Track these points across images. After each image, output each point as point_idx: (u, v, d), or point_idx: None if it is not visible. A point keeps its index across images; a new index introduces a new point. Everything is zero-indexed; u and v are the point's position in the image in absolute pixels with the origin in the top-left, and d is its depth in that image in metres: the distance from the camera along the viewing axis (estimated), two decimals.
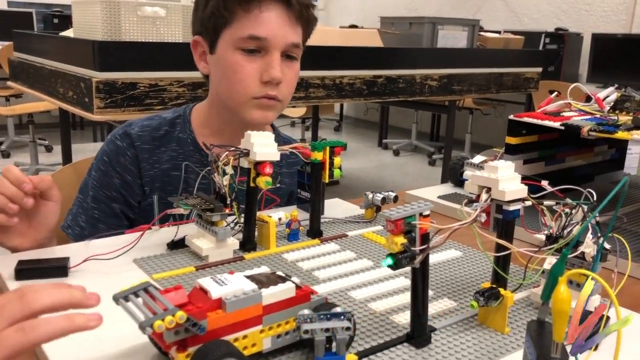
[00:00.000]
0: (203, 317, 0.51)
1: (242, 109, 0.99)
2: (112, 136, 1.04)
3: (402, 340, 0.60)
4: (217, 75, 1.01)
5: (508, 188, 0.62)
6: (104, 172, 1.02)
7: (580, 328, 0.43)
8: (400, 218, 0.55)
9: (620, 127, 0.95)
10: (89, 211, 1.01)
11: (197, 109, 1.09)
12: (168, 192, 1.03)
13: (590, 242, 0.64)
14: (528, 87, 3.37)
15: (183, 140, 1.05)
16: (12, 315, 0.44)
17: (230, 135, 1.04)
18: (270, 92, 0.97)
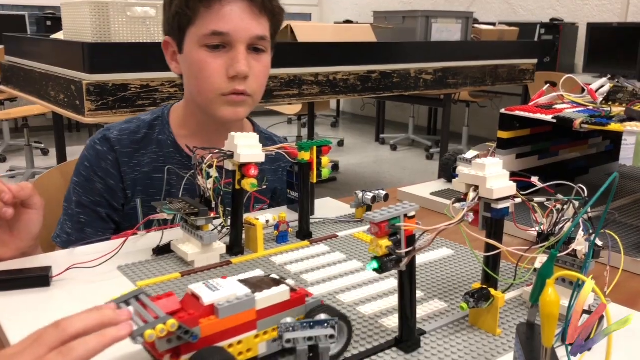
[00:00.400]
0: (195, 324, 0.50)
1: (211, 106, 0.97)
2: (91, 141, 1.03)
3: (390, 345, 0.59)
4: (187, 74, 1.00)
5: (496, 186, 0.60)
6: (86, 178, 1.01)
7: (580, 328, 0.42)
8: (384, 220, 0.54)
9: (613, 118, 0.93)
10: (75, 217, 1.00)
11: (175, 110, 1.08)
12: (151, 194, 1.02)
13: (581, 240, 0.62)
14: (524, 79, 3.35)
15: (163, 142, 1.04)
16: (50, 342, 0.46)
17: (209, 135, 1.04)
18: (238, 87, 0.95)
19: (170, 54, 1.03)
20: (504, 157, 1.05)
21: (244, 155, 0.77)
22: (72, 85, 1.94)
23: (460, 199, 0.63)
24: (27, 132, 4.17)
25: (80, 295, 0.70)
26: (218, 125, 1.03)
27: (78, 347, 0.46)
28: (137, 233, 0.88)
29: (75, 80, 1.90)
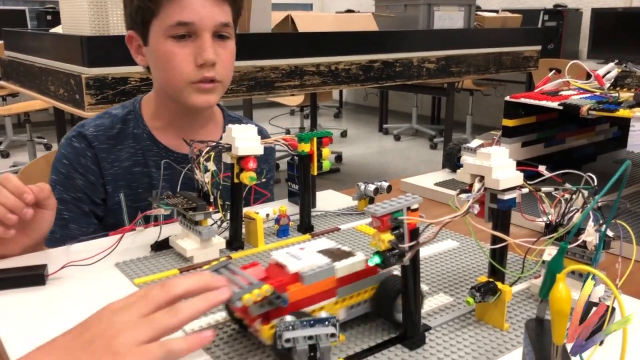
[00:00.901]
0: (284, 290, 0.53)
1: (182, 95, 0.98)
2: (66, 139, 1.04)
3: (394, 342, 0.57)
4: (155, 66, 1.00)
5: (502, 176, 0.58)
6: (66, 175, 1.01)
7: (580, 328, 0.40)
8: (387, 214, 0.52)
9: (622, 104, 0.91)
10: (57, 214, 0.98)
11: (146, 102, 1.08)
12: (133, 188, 1.03)
13: (591, 230, 0.60)
14: (527, 66, 3.31)
15: (139, 136, 1.04)
16: (156, 301, 0.49)
17: (182, 125, 1.04)
18: (206, 74, 0.96)
19: (135, 48, 1.03)
20: (509, 145, 1.02)
21: (242, 147, 0.75)
22: (72, 80, 1.92)
23: (465, 189, 0.61)
24: (29, 127, 4.16)
25: (76, 294, 0.68)
26: (191, 114, 1.04)
27: (186, 308, 0.48)
28: (134, 229, 0.86)
29: (75, 74, 1.88)
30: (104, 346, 0.45)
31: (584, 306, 0.59)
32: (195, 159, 0.75)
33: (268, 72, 2.21)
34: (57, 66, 2.05)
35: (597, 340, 0.42)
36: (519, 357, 0.54)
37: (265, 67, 2.19)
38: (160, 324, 0.46)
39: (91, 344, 0.46)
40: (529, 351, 0.46)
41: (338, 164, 4.50)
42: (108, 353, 0.45)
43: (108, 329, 0.46)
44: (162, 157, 1.02)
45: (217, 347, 0.57)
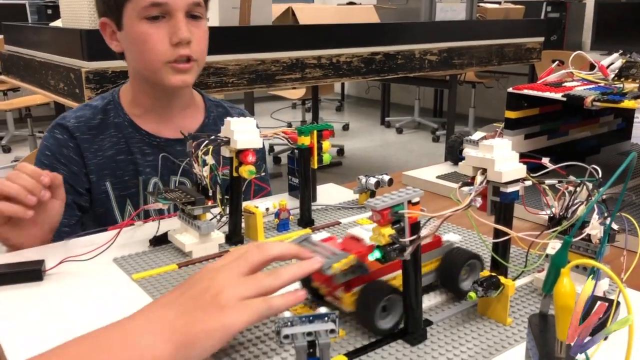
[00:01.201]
0: (363, 260, 0.56)
1: (159, 76, 0.98)
2: (48, 132, 1.05)
3: (395, 337, 0.56)
4: (130, 50, 1.01)
5: (505, 168, 0.57)
6: (49, 166, 1.01)
7: (580, 327, 0.39)
8: (387, 207, 0.51)
9: (626, 95, 0.89)
10: None
11: (124, 91, 1.09)
12: (119, 176, 1.03)
13: (596, 224, 0.59)
14: (530, 58, 3.29)
15: (120, 125, 1.05)
16: (254, 261, 0.53)
17: (162, 110, 1.06)
18: (182, 52, 0.97)
19: (109, 34, 1.03)
20: (512, 137, 1.01)
21: (241, 141, 0.74)
22: (71, 74, 1.91)
23: (467, 182, 0.60)
24: (31, 122, 4.15)
25: (74, 289, 0.67)
26: (169, 98, 1.05)
27: (284, 273, 0.52)
28: (133, 224, 0.85)
29: (74, 68, 1.87)
30: (210, 300, 0.49)
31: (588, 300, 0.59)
32: (194, 152, 0.74)
33: (269, 65, 2.19)
34: (56, 60, 2.04)
35: (598, 340, 0.41)
36: (522, 352, 0.54)
37: (266, 60, 2.17)
38: (263, 284, 0.51)
39: (199, 298, 0.49)
40: (532, 347, 0.45)
41: (340, 158, 4.49)
42: (215, 306, 0.48)
43: (212, 286, 0.50)
44: (145, 144, 1.05)
45: None
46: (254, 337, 0.57)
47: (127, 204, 1.03)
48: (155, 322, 0.48)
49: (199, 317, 0.48)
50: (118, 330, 0.49)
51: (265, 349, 0.55)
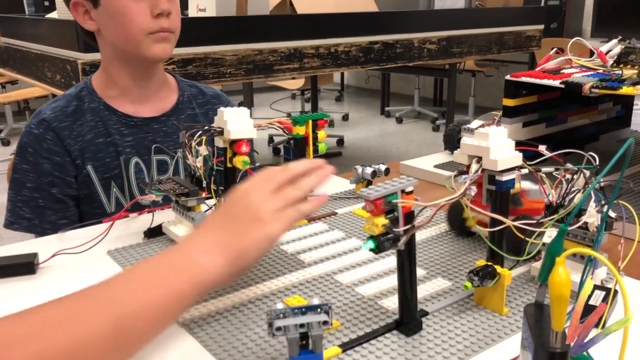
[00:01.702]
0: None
1: (140, 47, 1.00)
2: (27, 128, 1.05)
3: (390, 328, 0.56)
4: (108, 26, 1.02)
5: (500, 156, 0.56)
6: (34, 162, 1.02)
7: (580, 327, 0.39)
8: (380, 197, 0.50)
9: (625, 82, 0.88)
10: (32, 202, 1.02)
11: (95, 78, 1.10)
12: (100, 159, 1.04)
13: (593, 212, 0.58)
14: (530, 46, 3.26)
15: (96, 109, 1.06)
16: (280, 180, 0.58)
17: (136, 91, 1.07)
18: (163, 24, 1.00)
19: (82, 14, 1.03)
20: (509, 125, 1.00)
21: (235, 131, 0.73)
22: (68, 65, 1.90)
23: (462, 171, 0.59)
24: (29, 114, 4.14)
25: (67, 283, 0.66)
26: (145, 76, 1.06)
27: (305, 183, 0.58)
28: (128, 215, 0.85)
29: (70, 60, 1.85)
30: (250, 217, 0.55)
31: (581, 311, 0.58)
32: (187, 143, 0.73)
33: (267, 55, 2.18)
34: (53, 52, 2.03)
35: (597, 341, 0.40)
36: (519, 342, 0.53)
37: (263, 50, 2.16)
38: (290, 196, 0.56)
39: (241, 217, 0.55)
40: (527, 337, 0.45)
41: (340, 148, 4.47)
42: (255, 221, 0.54)
43: (249, 205, 0.56)
44: (123, 124, 1.06)
45: (209, 335, 0.55)
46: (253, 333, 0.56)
47: (112, 187, 1.04)
48: (209, 243, 0.54)
49: (244, 233, 0.54)
50: (177, 252, 0.54)
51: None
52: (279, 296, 0.63)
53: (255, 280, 0.66)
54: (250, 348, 0.53)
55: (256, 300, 0.62)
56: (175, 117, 1.10)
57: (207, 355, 0.52)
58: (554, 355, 0.40)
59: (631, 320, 0.37)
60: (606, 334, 0.39)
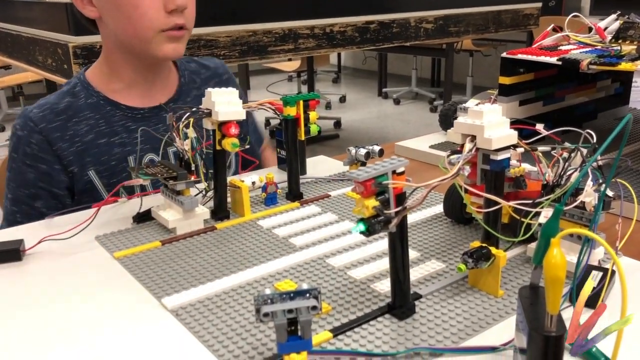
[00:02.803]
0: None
1: (150, 46, 0.91)
2: (13, 128, 0.95)
3: (383, 312, 0.54)
4: (114, 16, 0.91)
5: (495, 135, 0.55)
6: (17, 170, 0.93)
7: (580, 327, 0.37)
8: (370, 178, 0.48)
9: (624, 57, 0.86)
10: (10, 216, 0.93)
11: (92, 71, 1.00)
12: (104, 162, 0.94)
13: (590, 191, 0.57)
14: (528, 24, 3.23)
15: (95, 105, 0.96)
16: None
17: (146, 82, 0.98)
18: (177, 21, 0.90)
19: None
20: (506, 104, 0.98)
21: (223, 112, 0.71)
22: (59, 49, 1.87)
23: (456, 150, 0.57)
24: (23, 100, 4.11)
25: (54, 269, 0.65)
26: (154, 71, 0.98)
27: None
28: (117, 200, 0.83)
29: (61, 43, 1.83)
30: None
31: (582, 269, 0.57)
32: (174, 125, 0.71)
33: (261, 36, 2.15)
34: (44, 35, 1.99)
35: (597, 341, 0.39)
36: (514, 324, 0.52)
37: (257, 31, 2.12)
38: None
39: None
40: (522, 319, 0.43)
41: (337, 130, 4.45)
42: None
43: None
44: (129, 119, 0.96)
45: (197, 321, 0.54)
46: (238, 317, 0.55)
47: (122, 194, 0.90)
48: None
49: None
50: None
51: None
52: (269, 280, 0.61)
53: (246, 264, 0.64)
54: (239, 334, 0.52)
55: (246, 285, 0.60)
56: (182, 100, 1.01)
57: (195, 342, 0.51)
58: (548, 339, 0.39)
59: (631, 320, 0.37)
60: (606, 334, 0.38)
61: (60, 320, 0.55)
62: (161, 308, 0.57)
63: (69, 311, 0.56)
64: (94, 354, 0.50)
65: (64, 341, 0.52)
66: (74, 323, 0.54)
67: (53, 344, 0.51)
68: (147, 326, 0.54)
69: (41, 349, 0.51)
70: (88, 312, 0.56)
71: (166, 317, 0.55)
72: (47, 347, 0.51)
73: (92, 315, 0.56)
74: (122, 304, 0.58)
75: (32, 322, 0.55)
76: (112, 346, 0.51)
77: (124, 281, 0.62)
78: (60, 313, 0.56)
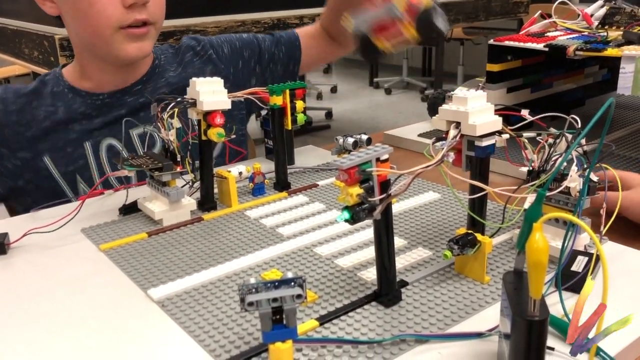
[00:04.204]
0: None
1: (111, 46, 0.86)
2: None
3: (369, 300, 0.54)
4: (71, 14, 0.87)
5: (479, 121, 0.54)
6: None
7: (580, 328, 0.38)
8: (354, 166, 0.48)
9: (610, 43, 0.86)
10: None
11: (67, 69, 0.97)
12: (60, 150, 0.91)
13: (575, 176, 0.57)
14: (518, 12, 3.22)
15: (58, 94, 0.93)
16: None
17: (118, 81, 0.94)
18: (138, 16, 0.85)
19: None
20: (494, 91, 0.98)
21: (207, 102, 0.71)
22: (45, 41, 1.85)
23: (441, 137, 0.57)
24: None
25: (40, 262, 0.65)
26: (126, 72, 0.93)
27: None
28: (103, 193, 0.82)
29: (47, 35, 1.81)
30: None
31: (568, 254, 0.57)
32: (159, 116, 0.71)
33: (249, 27, 2.13)
34: (29, 27, 1.97)
35: (597, 341, 0.40)
36: None
37: (246, 21, 2.11)
38: None
39: None
40: (506, 305, 0.44)
41: (328, 120, 4.44)
42: None
43: None
44: (88, 106, 0.93)
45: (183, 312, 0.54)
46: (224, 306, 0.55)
47: (79, 182, 0.91)
48: None
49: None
50: None
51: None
52: (257, 270, 0.61)
53: (233, 255, 0.64)
54: (226, 324, 0.52)
55: (233, 275, 0.60)
56: (152, 83, 0.97)
57: (182, 333, 0.51)
58: (532, 323, 0.39)
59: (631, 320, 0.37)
60: (606, 334, 0.38)
61: (47, 313, 0.54)
62: (147, 300, 0.56)
63: (55, 303, 0.56)
64: (81, 346, 0.49)
65: (51, 333, 0.51)
66: (60, 315, 0.54)
67: (39, 337, 0.51)
68: (133, 318, 0.54)
69: (27, 342, 0.50)
70: (74, 305, 0.56)
71: (152, 308, 0.55)
72: (33, 339, 0.51)
73: (79, 308, 0.55)
74: (108, 296, 0.57)
75: (18, 314, 0.54)
76: (99, 338, 0.50)
77: (111, 273, 0.62)
78: (47, 305, 0.56)
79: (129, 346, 0.49)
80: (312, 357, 0.47)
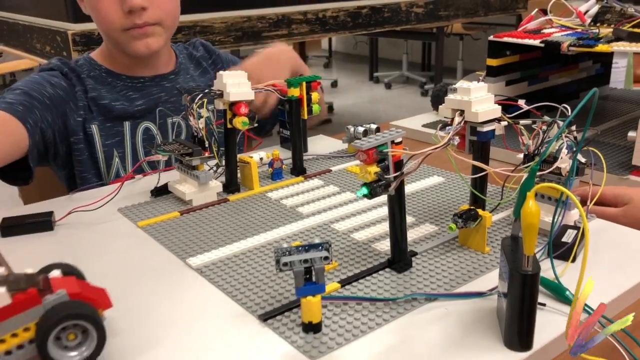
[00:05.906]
0: None
1: (121, 44, 0.96)
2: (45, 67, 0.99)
3: (383, 267, 0.62)
4: (92, 15, 0.98)
5: (481, 109, 0.62)
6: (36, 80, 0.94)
7: (580, 328, 0.41)
8: (372, 147, 0.55)
9: (601, 40, 0.93)
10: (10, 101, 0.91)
11: (96, 53, 1.05)
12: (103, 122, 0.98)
13: (565, 158, 0.64)
14: (517, 8, 3.29)
15: (97, 77, 1.00)
16: None
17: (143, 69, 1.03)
18: (137, 20, 0.92)
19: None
20: (493, 84, 1.05)
21: (234, 93, 0.78)
22: (58, 36, 1.91)
23: (446, 124, 0.64)
24: None
25: (84, 237, 0.72)
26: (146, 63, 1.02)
27: None
28: (134, 177, 0.90)
29: (60, 31, 1.86)
30: None
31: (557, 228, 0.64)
32: (189, 106, 0.78)
33: (255, 22, 2.20)
34: (42, 23, 2.03)
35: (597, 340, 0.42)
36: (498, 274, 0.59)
37: (252, 17, 2.17)
38: None
39: None
40: (504, 265, 0.51)
41: (330, 115, 4.50)
42: None
43: None
44: (130, 89, 1.01)
45: (220, 277, 0.61)
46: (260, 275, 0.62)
47: (115, 156, 0.98)
48: None
49: None
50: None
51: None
52: (281, 244, 0.68)
53: (258, 230, 0.71)
54: (259, 286, 0.59)
55: (261, 247, 0.67)
56: (182, 74, 1.06)
57: (220, 294, 0.58)
58: (526, 276, 0.46)
59: (630, 321, 0.40)
60: (606, 334, 0.41)
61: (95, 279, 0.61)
62: (186, 267, 0.63)
63: (103, 272, 0.63)
64: (130, 305, 0.57)
65: None
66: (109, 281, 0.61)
67: None
68: (175, 283, 0.61)
69: None
70: (120, 272, 0.63)
71: (192, 274, 0.62)
72: None
73: (125, 275, 0.62)
74: (151, 265, 0.64)
75: None
76: (147, 301, 0.58)
77: (150, 246, 0.69)
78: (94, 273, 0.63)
79: (174, 306, 0.57)
80: (336, 312, 0.54)
